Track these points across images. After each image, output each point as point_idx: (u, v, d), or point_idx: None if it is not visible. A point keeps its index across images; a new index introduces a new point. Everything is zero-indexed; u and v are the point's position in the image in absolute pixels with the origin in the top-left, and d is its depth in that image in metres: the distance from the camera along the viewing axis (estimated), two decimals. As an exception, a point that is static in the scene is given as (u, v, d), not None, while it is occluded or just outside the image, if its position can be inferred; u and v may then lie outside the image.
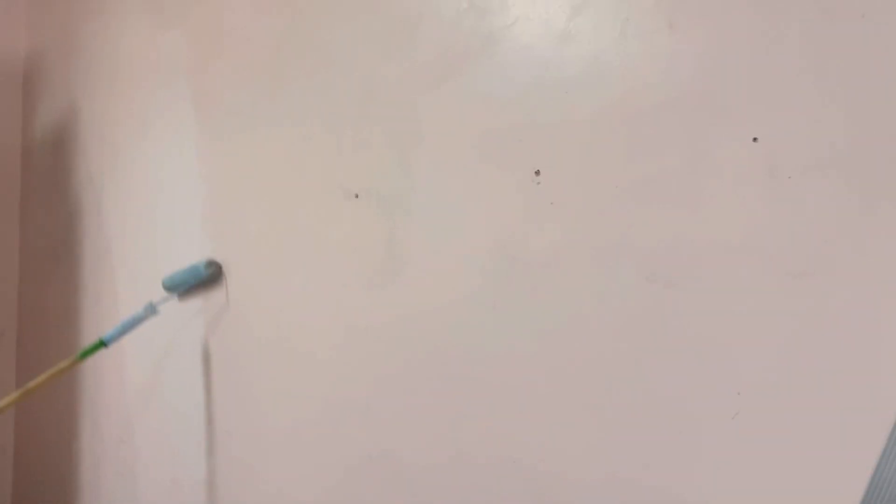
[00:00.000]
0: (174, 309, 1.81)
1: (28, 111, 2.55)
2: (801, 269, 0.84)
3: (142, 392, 1.93)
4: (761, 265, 0.87)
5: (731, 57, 0.90)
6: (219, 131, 1.67)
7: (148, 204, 1.92)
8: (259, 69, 1.57)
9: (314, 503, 1.43)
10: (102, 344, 1.62)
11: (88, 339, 2.15)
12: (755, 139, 0.87)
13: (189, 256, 1.75)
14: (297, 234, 1.47)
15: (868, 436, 0.79)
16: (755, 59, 0.88)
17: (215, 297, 1.66)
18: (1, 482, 2.55)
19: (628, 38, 0.98)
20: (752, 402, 0.86)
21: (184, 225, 1.78)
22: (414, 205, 1.24)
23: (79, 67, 2.25)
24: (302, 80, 1.47)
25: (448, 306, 1.19)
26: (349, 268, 1.35)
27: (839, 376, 0.81)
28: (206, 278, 1.62)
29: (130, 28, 2.00)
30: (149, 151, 1.91)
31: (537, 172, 1.07)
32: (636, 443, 0.96)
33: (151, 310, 1.64)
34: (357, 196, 1.33)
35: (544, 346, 1.06)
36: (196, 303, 1.71)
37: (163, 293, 1.70)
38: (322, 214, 1.41)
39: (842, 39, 0.82)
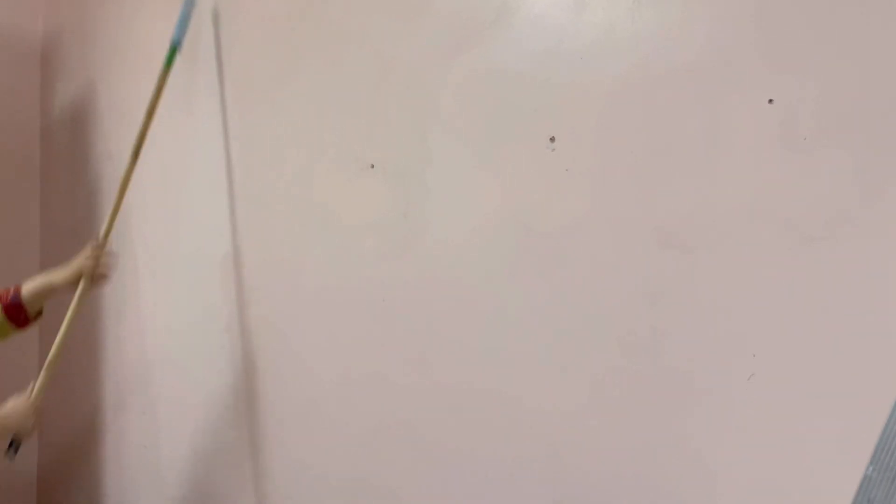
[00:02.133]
0: (187, 310, 1.84)
1: (46, 90, 2.58)
2: (815, 232, 0.84)
3: (164, 363, 1.97)
4: (776, 229, 0.87)
5: (745, 19, 0.90)
6: (236, 106, 1.68)
7: (166, 180, 1.94)
8: (276, 43, 1.58)
9: (333, 470, 1.46)
10: (175, 47, 1.66)
11: (109, 318, 2.19)
12: (770, 101, 0.87)
13: (208, 231, 1.77)
14: (313, 205, 1.49)
15: (883, 398, 0.79)
16: (769, 20, 0.88)
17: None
18: (27, 454, 2.61)
19: (642, 3, 0.98)
20: (766, 364, 0.87)
21: (202, 200, 1.80)
22: (429, 174, 1.25)
23: (96, 45, 2.26)
24: (317, 53, 1.48)
25: (464, 275, 1.20)
26: (365, 238, 1.37)
27: (853, 339, 0.82)
28: None
29: (147, 6, 2.01)
30: (167, 128, 1.92)
31: (552, 139, 1.07)
32: (653, 406, 0.97)
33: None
34: (372, 166, 1.34)
35: (560, 314, 1.07)
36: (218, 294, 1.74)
37: None
38: (337, 185, 1.43)
39: (859, -1, 0.82)
